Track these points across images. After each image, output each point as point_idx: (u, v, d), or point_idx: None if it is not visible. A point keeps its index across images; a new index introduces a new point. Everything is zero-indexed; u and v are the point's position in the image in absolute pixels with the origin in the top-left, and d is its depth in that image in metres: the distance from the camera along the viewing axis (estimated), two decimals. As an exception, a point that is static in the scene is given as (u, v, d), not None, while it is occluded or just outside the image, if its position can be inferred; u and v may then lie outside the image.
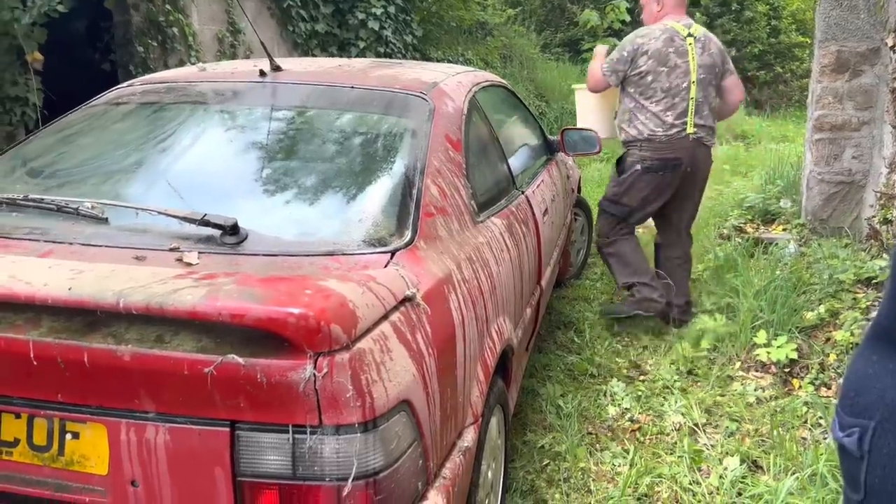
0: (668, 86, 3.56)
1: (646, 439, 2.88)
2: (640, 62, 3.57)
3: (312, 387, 1.27)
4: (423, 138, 2.08)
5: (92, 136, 2.24)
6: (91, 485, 1.39)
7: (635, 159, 3.66)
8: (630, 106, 3.67)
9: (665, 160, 3.62)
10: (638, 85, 3.60)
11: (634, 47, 3.58)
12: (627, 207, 3.76)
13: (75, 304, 1.28)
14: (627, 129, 3.68)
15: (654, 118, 3.59)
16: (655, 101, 3.58)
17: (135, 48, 5.00)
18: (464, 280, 1.87)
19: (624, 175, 3.72)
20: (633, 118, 3.65)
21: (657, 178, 3.67)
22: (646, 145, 3.62)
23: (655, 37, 3.57)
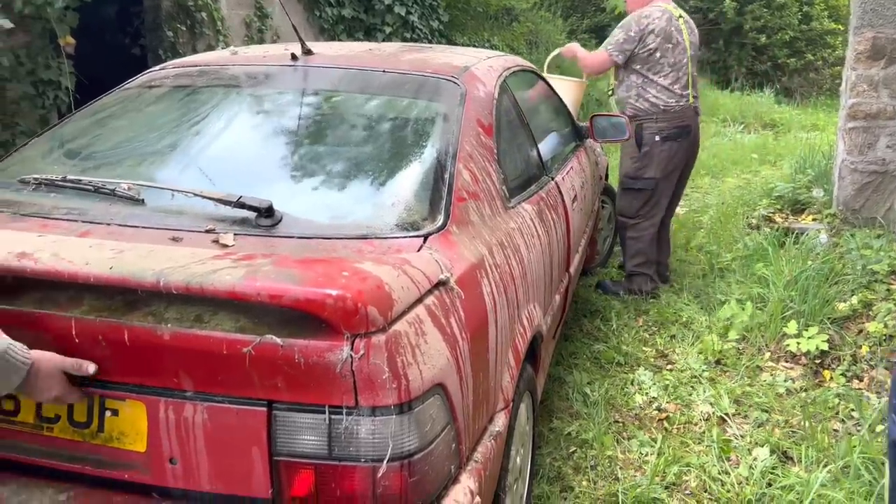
0: (674, 61, 3.86)
1: (673, 428, 2.86)
2: (648, 40, 3.83)
3: (349, 368, 1.28)
4: (455, 122, 2.07)
5: (126, 119, 2.26)
6: (130, 461, 1.41)
7: (653, 131, 3.90)
8: (638, 81, 3.90)
9: (680, 127, 3.92)
10: (646, 61, 3.86)
11: (641, 27, 3.83)
12: (653, 180, 3.94)
13: (116, 283, 1.29)
14: (637, 104, 3.91)
15: (665, 91, 3.87)
16: (663, 75, 3.87)
17: (164, 33, 5.03)
18: (496, 265, 1.86)
19: (644, 148, 3.90)
20: (643, 92, 3.89)
21: (675, 146, 3.94)
22: (661, 116, 3.89)
23: (658, 16, 3.84)
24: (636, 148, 3.93)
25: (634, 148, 3.94)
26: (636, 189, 3.99)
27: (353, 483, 1.33)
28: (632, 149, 3.96)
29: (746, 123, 10.59)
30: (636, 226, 4.05)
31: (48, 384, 1.33)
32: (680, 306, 3.97)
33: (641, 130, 3.89)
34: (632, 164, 3.98)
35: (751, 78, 13.90)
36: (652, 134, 3.90)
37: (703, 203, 6.31)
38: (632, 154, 3.97)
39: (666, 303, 4.03)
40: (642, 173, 3.95)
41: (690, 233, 5.20)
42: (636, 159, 3.95)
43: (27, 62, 3.82)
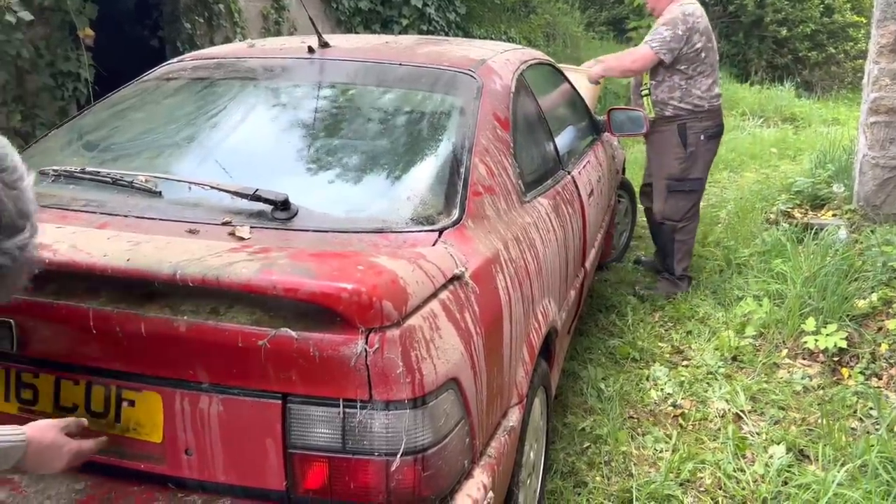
0: (713, 59, 3.87)
1: (689, 425, 2.84)
2: (694, 39, 3.75)
3: (363, 362, 1.28)
4: (471, 116, 2.06)
5: (144, 111, 2.27)
6: (146, 452, 1.42)
7: (698, 130, 3.86)
8: (682, 82, 3.82)
9: (720, 125, 3.96)
10: (692, 61, 3.79)
11: (688, 25, 3.73)
12: (700, 180, 3.94)
13: (133, 275, 1.30)
14: (682, 105, 3.83)
15: (708, 90, 3.83)
16: (706, 74, 3.82)
17: (182, 25, 5.05)
18: (511, 260, 1.86)
19: (690, 148, 3.85)
20: (687, 93, 3.82)
21: (716, 145, 3.98)
22: (706, 115, 3.85)
23: (700, 14, 3.78)
24: (682, 148, 3.85)
25: (679, 148, 3.85)
26: (685, 191, 3.92)
27: (367, 476, 1.33)
28: (677, 150, 3.87)
29: (766, 117, 10.47)
30: (685, 228, 3.99)
31: (53, 455, 1.32)
32: (696, 302, 3.95)
33: (685, 130, 3.82)
34: (678, 165, 3.88)
35: (771, 71, 13.75)
36: (697, 133, 3.84)
37: (720, 198, 6.25)
38: (677, 155, 3.87)
39: (682, 298, 4.00)
40: (689, 174, 3.88)
41: (708, 228, 5.15)
42: (682, 160, 3.86)
43: (47, 54, 3.85)
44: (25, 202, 1.03)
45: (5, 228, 0.99)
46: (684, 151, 3.86)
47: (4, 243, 0.99)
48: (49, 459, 1.31)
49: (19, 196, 1.02)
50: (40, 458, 1.30)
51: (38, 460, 1.30)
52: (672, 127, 3.84)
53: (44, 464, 1.31)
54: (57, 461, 1.32)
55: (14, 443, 1.25)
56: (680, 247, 4.02)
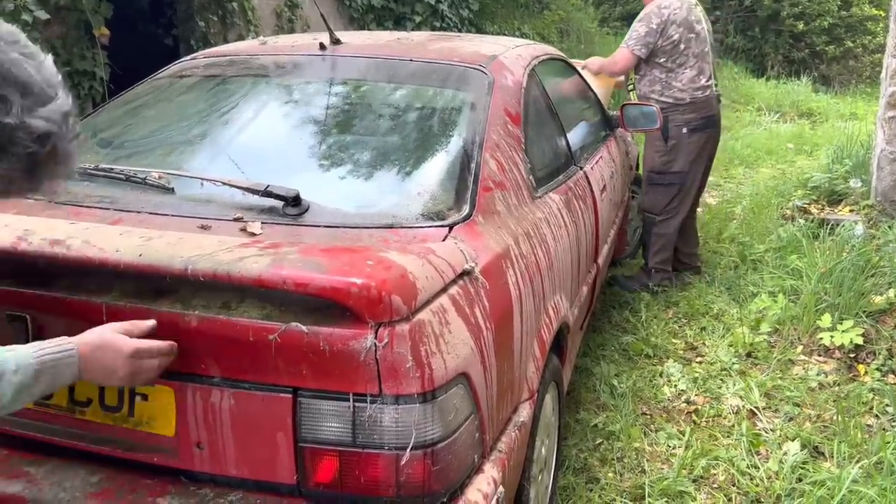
0: (697, 51, 3.79)
1: (702, 421, 2.83)
2: (670, 31, 3.75)
3: (373, 356, 1.28)
4: (482, 111, 2.06)
5: (157, 109, 2.29)
6: (159, 445, 1.44)
7: (679, 123, 3.83)
8: (661, 76, 3.83)
9: (706, 118, 3.86)
10: (670, 53, 3.79)
11: (662, 18, 3.75)
12: (681, 174, 3.89)
13: (145, 270, 1.31)
14: (662, 98, 3.82)
15: (690, 82, 3.80)
16: (689, 66, 3.80)
17: (196, 23, 5.08)
18: (521, 255, 1.85)
19: (671, 141, 3.83)
20: (667, 86, 3.82)
21: (703, 137, 3.88)
22: (688, 108, 3.82)
23: (678, 6, 3.77)
24: (662, 141, 3.85)
25: (661, 142, 3.85)
26: (664, 184, 3.91)
27: (377, 470, 1.34)
28: (657, 143, 3.87)
29: (782, 112, 10.39)
30: (664, 222, 3.98)
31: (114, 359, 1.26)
32: (711, 298, 3.92)
33: (667, 123, 3.79)
34: (658, 158, 3.89)
35: (787, 66, 13.62)
36: (679, 126, 3.82)
37: (736, 193, 6.21)
38: (658, 148, 3.88)
39: (696, 294, 3.98)
40: (670, 167, 3.88)
41: (723, 223, 5.12)
42: (663, 153, 3.87)
43: (63, 53, 3.89)
44: (49, 72, 0.99)
45: (38, 96, 0.96)
46: (665, 145, 3.85)
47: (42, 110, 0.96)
48: (109, 363, 1.25)
49: (41, 65, 0.98)
50: (99, 364, 1.25)
51: (96, 367, 1.25)
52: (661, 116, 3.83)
53: (105, 370, 1.26)
54: (118, 362, 1.26)
55: (63, 354, 1.22)
56: (657, 240, 4.02)
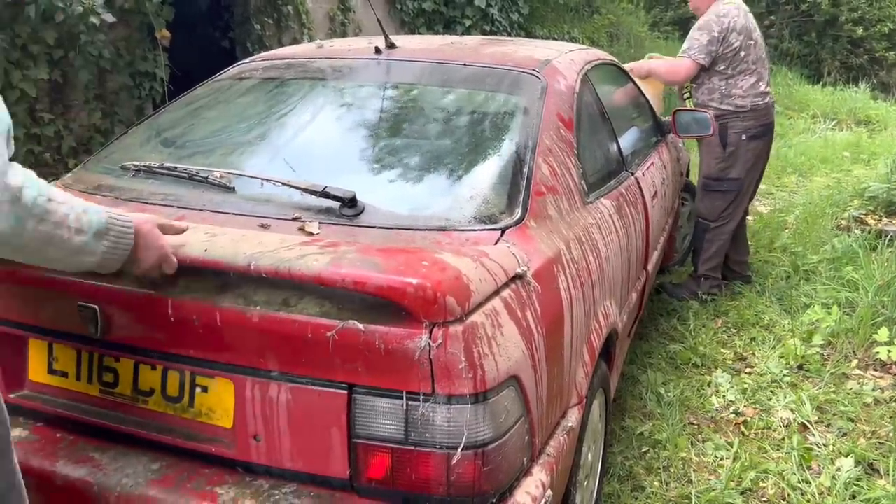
0: (755, 58, 3.77)
1: (751, 433, 2.78)
2: (731, 39, 3.72)
3: (427, 356, 1.31)
4: (535, 116, 2.07)
5: (218, 110, 2.35)
6: (217, 436, 1.49)
7: (739, 130, 3.80)
8: (720, 83, 3.80)
9: (765, 126, 3.85)
10: (731, 61, 3.76)
11: (723, 26, 3.72)
12: (738, 181, 3.85)
13: (210, 265, 1.36)
14: (721, 106, 3.79)
15: (750, 89, 3.77)
16: (748, 73, 3.77)
17: (252, 26, 5.19)
18: (573, 260, 1.86)
19: (730, 148, 3.80)
20: (727, 94, 3.79)
21: (760, 145, 3.86)
22: (748, 115, 3.79)
23: (736, 13, 3.74)
24: (721, 148, 3.81)
25: (718, 148, 3.81)
26: (721, 191, 3.88)
27: (428, 468, 1.36)
28: (715, 149, 3.83)
29: (838, 120, 10.11)
30: (718, 228, 3.93)
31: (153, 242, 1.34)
32: (761, 308, 3.85)
33: (726, 130, 3.77)
34: (716, 164, 3.85)
35: (845, 72, 13.25)
36: (738, 133, 3.78)
37: (788, 202, 6.08)
38: (716, 155, 3.84)
39: (746, 304, 3.91)
40: (727, 174, 3.84)
41: (774, 233, 5.02)
42: (721, 160, 3.83)
43: (126, 54, 4.03)
44: None
45: None
46: (723, 151, 3.81)
47: None
48: (151, 245, 1.33)
49: None
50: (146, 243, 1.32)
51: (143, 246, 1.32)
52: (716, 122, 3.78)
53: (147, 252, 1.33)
54: (149, 253, 1.33)
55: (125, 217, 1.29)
56: (709, 246, 3.97)
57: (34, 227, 1.12)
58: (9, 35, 3.35)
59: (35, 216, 1.11)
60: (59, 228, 1.16)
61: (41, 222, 1.13)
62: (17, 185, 1.08)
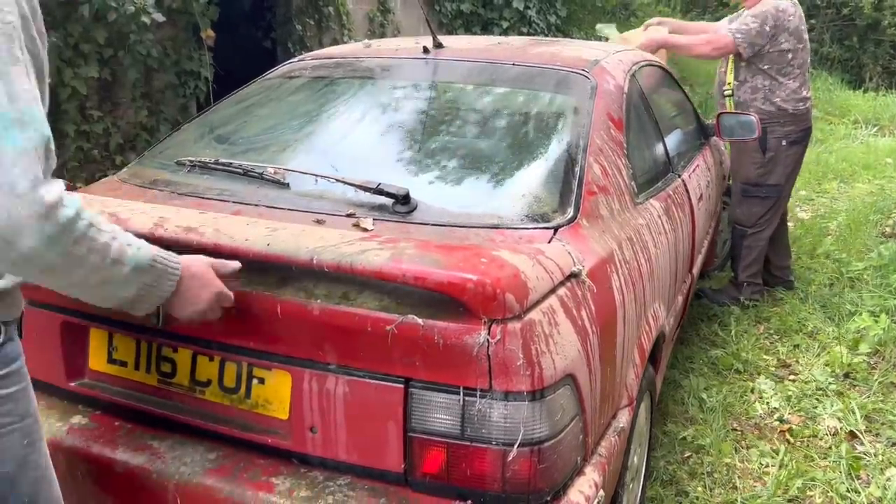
0: (802, 62, 3.70)
1: (796, 441, 2.74)
2: (781, 39, 3.63)
3: (485, 352, 1.31)
4: (586, 116, 2.07)
5: (269, 107, 2.38)
6: (273, 427, 1.50)
7: (779, 135, 3.73)
8: (765, 84, 3.71)
9: (806, 131, 3.80)
10: (777, 62, 3.66)
11: (776, 23, 3.61)
12: (778, 186, 3.78)
13: (273, 259, 1.38)
14: (764, 107, 3.71)
15: (794, 93, 3.69)
16: (792, 77, 3.69)
17: (293, 27, 5.25)
18: (625, 261, 1.85)
19: (770, 153, 3.73)
20: (771, 95, 3.70)
21: (800, 150, 3.81)
22: (790, 119, 3.72)
23: (792, 13, 3.64)
24: (760, 153, 3.73)
25: (758, 153, 3.74)
26: (760, 197, 3.81)
27: (484, 464, 1.36)
28: (754, 154, 3.75)
29: (881, 126, 9.89)
30: (755, 235, 3.87)
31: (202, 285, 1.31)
32: (804, 315, 3.79)
33: (766, 135, 3.67)
34: (755, 170, 3.77)
35: (887, 77, 12.95)
36: (779, 138, 3.71)
37: (830, 208, 5.96)
38: (754, 160, 3.77)
39: (789, 311, 3.85)
40: (766, 179, 3.77)
41: (816, 239, 4.93)
42: (760, 165, 3.75)
43: (172, 53, 4.10)
44: None
45: None
46: (762, 156, 3.73)
47: None
48: (199, 290, 1.31)
49: None
50: (192, 287, 1.30)
51: (189, 289, 1.30)
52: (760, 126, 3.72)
53: (193, 295, 1.30)
54: (204, 293, 1.31)
55: (173, 260, 1.26)
56: (747, 252, 3.90)
57: (66, 248, 1.07)
58: (62, 34, 3.44)
59: (70, 237, 1.07)
60: (95, 254, 1.11)
61: (76, 244, 1.08)
62: (50, 201, 1.03)
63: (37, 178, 1.03)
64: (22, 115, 1.04)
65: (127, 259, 1.17)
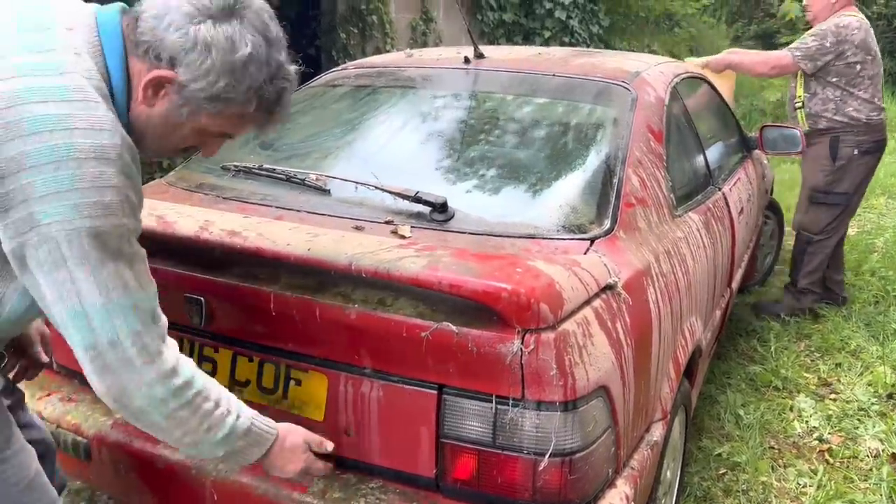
0: (872, 73, 3.68)
1: (836, 462, 2.68)
2: (847, 52, 3.62)
3: (518, 361, 1.32)
4: (625, 127, 2.07)
5: (312, 115, 2.43)
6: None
7: (851, 144, 3.70)
8: (836, 95, 3.70)
9: (879, 141, 3.76)
10: (845, 74, 3.66)
11: (838, 38, 3.62)
12: (846, 195, 3.77)
13: (313, 264, 1.41)
14: (836, 118, 3.70)
15: (866, 104, 3.67)
16: (863, 88, 3.67)
17: (338, 35, 5.34)
18: (662, 274, 1.84)
19: (840, 162, 3.71)
20: (842, 106, 3.69)
21: (872, 160, 3.77)
22: (862, 129, 3.70)
23: (857, 27, 3.63)
24: (830, 161, 3.71)
25: (828, 161, 3.72)
26: (828, 204, 3.77)
27: (515, 473, 1.37)
28: (823, 161, 3.74)
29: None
30: (821, 242, 3.83)
31: (291, 458, 1.36)
32: (847, 333, 3.70)
33: (838, 143, 3.68)
34: (823, 177, 3.75)
35: (941, 91, 12.59)
36: (850, 147, 3.68)
37: (877, 224, 5.82)
38: (823, 167, 3.74)
39: (831, 328, 3.76)
40: (834, 188, 3.74)
41: (862, 255, 4.82)
42: (829, 173, 3.73)
43: (220, 60, 4.20)
44: None
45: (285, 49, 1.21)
46: (832, 164, 3.70)
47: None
48: (287, 461, 1.35)
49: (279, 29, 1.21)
50: (280, 457, 1.34)
51: (278, 458, 1.34)
52: (824, 139, 3.70)
53: (280, 464, 1.35)
54: (291, 465, 1.36)
55: (268, 431, 1.31)
56: (810, 259, 3.85)
57: (172, 412, 1.16)
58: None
59: (177, 403, 1.16)
60: (196, 419, 1.19)
61: (181, 409, 1.17)
62: (164, 370, 1.14)
63: (152, 353, 1.13)
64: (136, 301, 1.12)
65: (225, 426, 1.24)
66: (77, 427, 1.69)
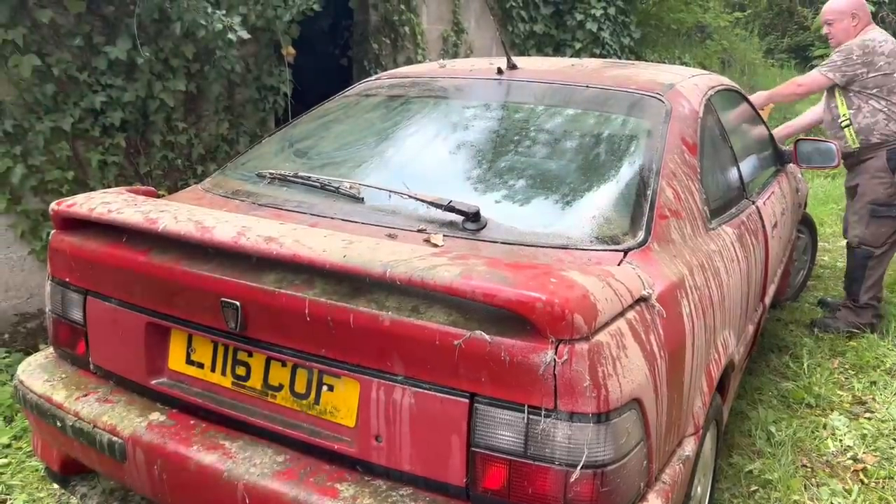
0: None
1: (871, 482, 2.62)
2: (878, 62, 3.62)
3: (551, 371, 1.32)
4: (659, 139, 2.06)
5: (346, 124, 2.46)
6: (340, 434, 1.55)
7: None
8: (881, 106, 3.66)
9: None
10: (881, 83, 3.65)
11: (865, 50, 3.64)
12: None
13: (348, 271, 1.42)
14: (887, 128, 3.66)
15: None
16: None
17: (370, 45, 5.38)
18: (695, 287, 1.83)
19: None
20: (892, 114, 3.64)
21: None
22: None
23: (882, 39, 3.66)
24: (889, 173, 3.67)
25: (885, 173, 3.68)
26: (891, 216, 3.72)
27: (546, 484, 1.37)
28: (881, 174, 3.70)
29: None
30: (882, 255, 3.79)
31: None
32: (883, 351, 3.64)
33: (894, 155, 3.64)
34: (883, 190, 3.71)
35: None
36: None
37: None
38: (882, 180, 3.70)
39: (866, 345, 3.70)
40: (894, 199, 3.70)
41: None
42: (889, 185, 3.68)
43: (254, 69, 4.25)
44: None
45: None
46: (892, 176, 3.66)
47: None
48: None
49: None
50: None
51: None
52: (880, 153, 3.67)
53: None
54: None
55: None
56: (871, 273, 3.80)
57: None
58: (154, 49, 3.62)
59: None
60: None
61: None
62: None
63: None
64: None
65: None
66: (113, 428, 1.72)
